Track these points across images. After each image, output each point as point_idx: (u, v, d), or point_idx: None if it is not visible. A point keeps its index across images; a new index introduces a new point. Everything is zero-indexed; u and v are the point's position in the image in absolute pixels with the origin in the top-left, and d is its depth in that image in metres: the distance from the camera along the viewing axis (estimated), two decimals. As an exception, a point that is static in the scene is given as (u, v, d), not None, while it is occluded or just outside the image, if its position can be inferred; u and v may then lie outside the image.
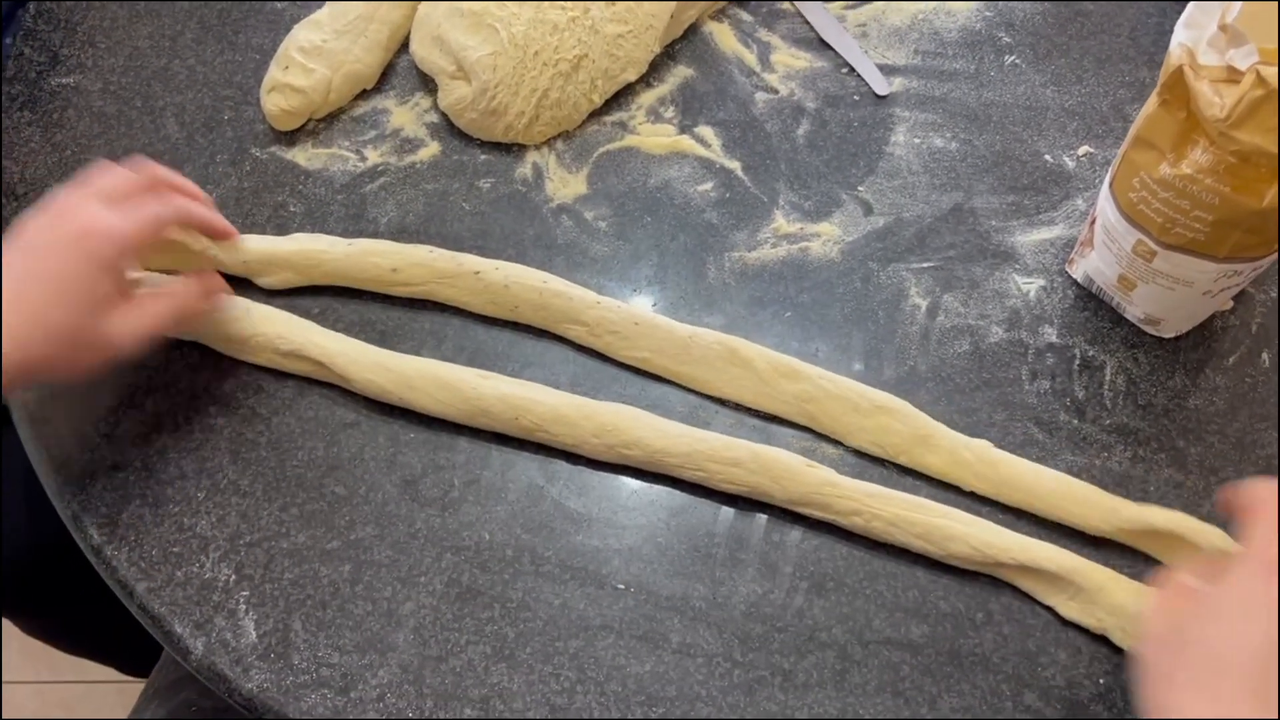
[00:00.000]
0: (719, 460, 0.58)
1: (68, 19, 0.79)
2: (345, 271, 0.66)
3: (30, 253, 0.53)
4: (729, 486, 0.59)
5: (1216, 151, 0.52)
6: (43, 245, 0.53)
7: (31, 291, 0.52)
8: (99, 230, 0.53)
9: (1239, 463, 0.61)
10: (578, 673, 0.55)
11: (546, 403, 0.60)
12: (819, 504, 0.58)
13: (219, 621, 0.57)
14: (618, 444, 0.59)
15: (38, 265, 0.53)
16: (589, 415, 0.60)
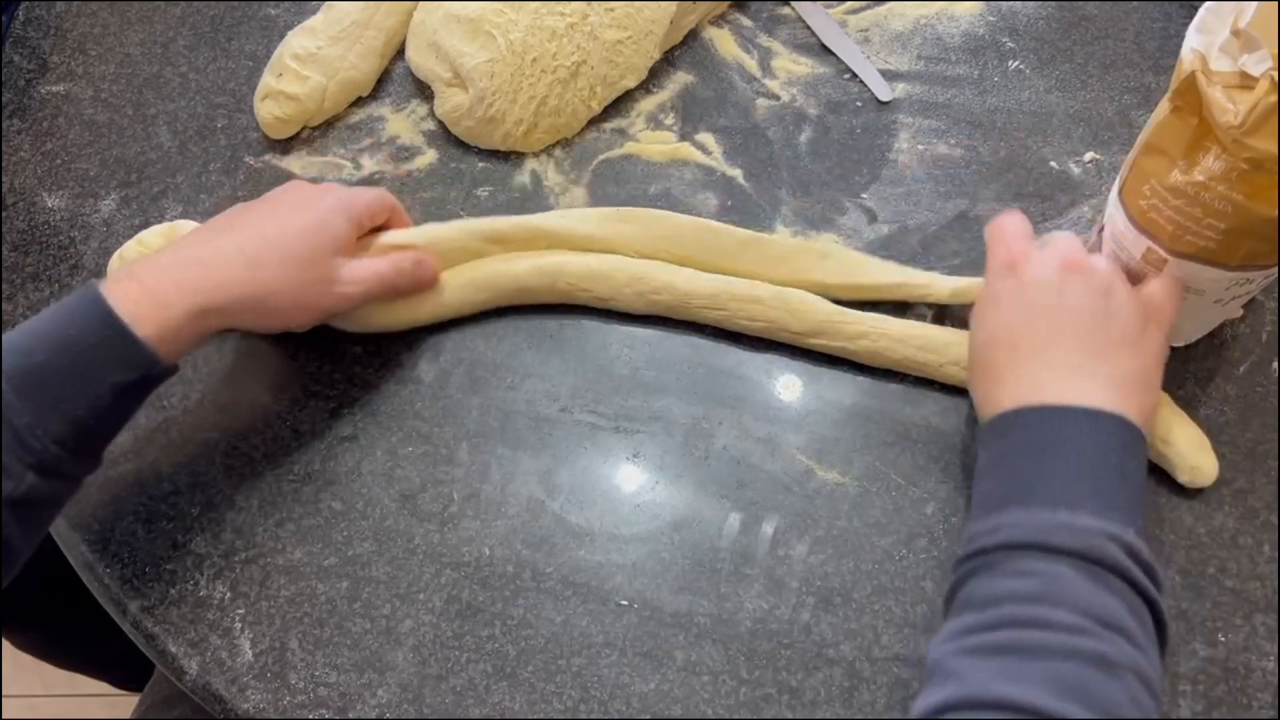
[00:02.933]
0: (741, 298, 0.63)
1: (58, 25, 0.78)
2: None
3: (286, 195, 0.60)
4: (748, 323, 0.63)
5: (1229, 159, 0.51)
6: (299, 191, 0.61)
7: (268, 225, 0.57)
8: (348, 190, 0.61)
9: (1251, 473, 0.60)
10: (581, 691, 0.54)
11: (579, 261, 0.64)
12: (830, 332, 0.62)
13: (214, 640, 0.56)
14: (648, 290, 0.63)
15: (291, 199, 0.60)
16: (620, 268, 0.64)
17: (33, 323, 0.51)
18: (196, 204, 0.70)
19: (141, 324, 0.51)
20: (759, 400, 0.63)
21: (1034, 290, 0.54)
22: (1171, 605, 0.56)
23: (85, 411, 0.50)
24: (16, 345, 0.50)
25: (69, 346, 0.50)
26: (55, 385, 0.49)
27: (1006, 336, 0.54)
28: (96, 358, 0.50)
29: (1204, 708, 0.54)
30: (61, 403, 0.49)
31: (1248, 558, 0.58)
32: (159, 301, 0.52)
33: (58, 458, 0.49)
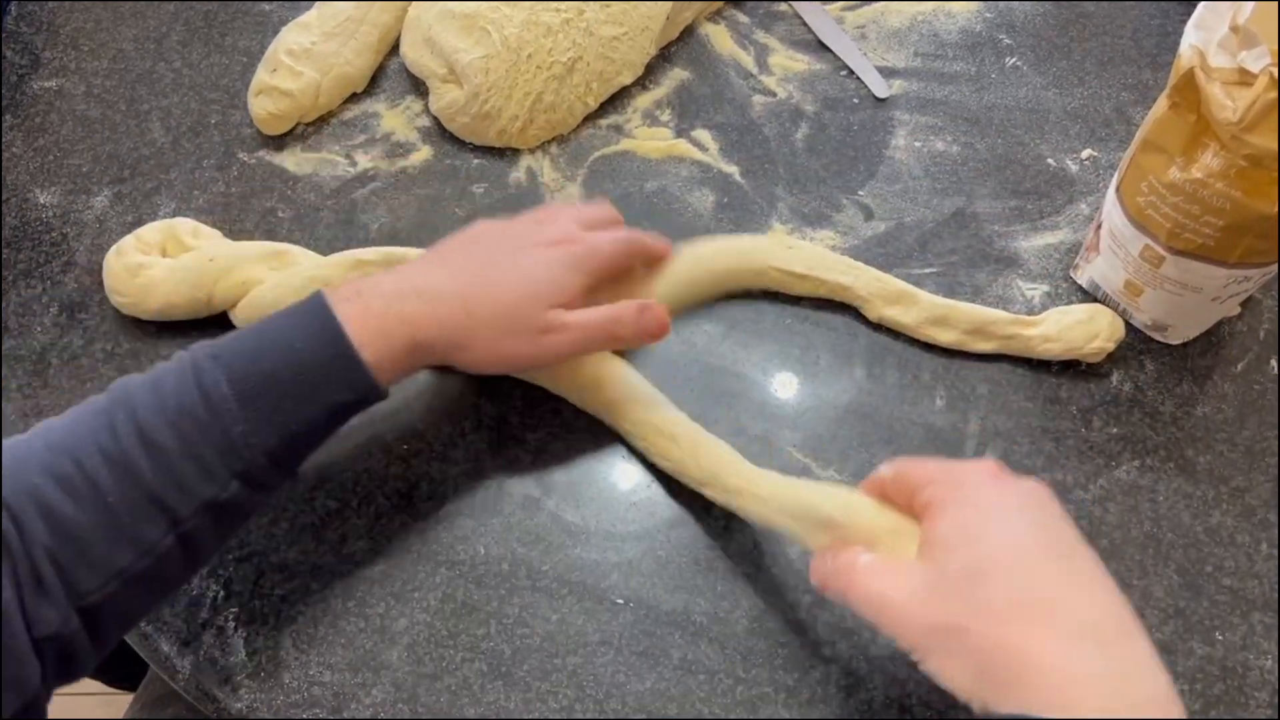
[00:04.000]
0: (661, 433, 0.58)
1: (50, 21, 0.78)
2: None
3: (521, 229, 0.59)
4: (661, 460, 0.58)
5: (1228, 155, 0.51)
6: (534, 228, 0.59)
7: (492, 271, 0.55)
8: (590, 241, 0.58)
9: (1248, 471, 0.60)
10: (576, 690, 0.54)
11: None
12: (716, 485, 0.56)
13: (207, 639, 0.55)
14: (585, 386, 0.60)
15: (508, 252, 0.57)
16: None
17: (260, 326, 0.51)
18: (190, 200, 0.69)
19: (366, 348, 0.50)
20: (755, 398, 0.62)
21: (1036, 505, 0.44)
22: (1169, 604, 0.56)
23: (300, 427, 0.49)
24: (243, 349, 0.49)
25: (296, 360, 0.49)
26: (276, 397, 0.48)
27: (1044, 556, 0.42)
28: (320, 376, 0.49)
29: (1201, 707, 0.53)
30: (279, 415, 0.48)
31: (1245, 556, 0.57)
32: (383, 330, 0.51)
33: (264, 468, 0.48)
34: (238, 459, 0.47)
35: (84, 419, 0.48)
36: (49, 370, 0.63)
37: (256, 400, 0.48)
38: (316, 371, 0.49)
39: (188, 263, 0.62)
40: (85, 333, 0.64)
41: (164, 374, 0.49)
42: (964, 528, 0.43)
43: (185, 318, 0.63)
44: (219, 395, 0.47)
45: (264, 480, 0.49)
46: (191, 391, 0.47)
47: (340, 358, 0.50)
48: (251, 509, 0.51)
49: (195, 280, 0.62)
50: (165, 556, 0.47)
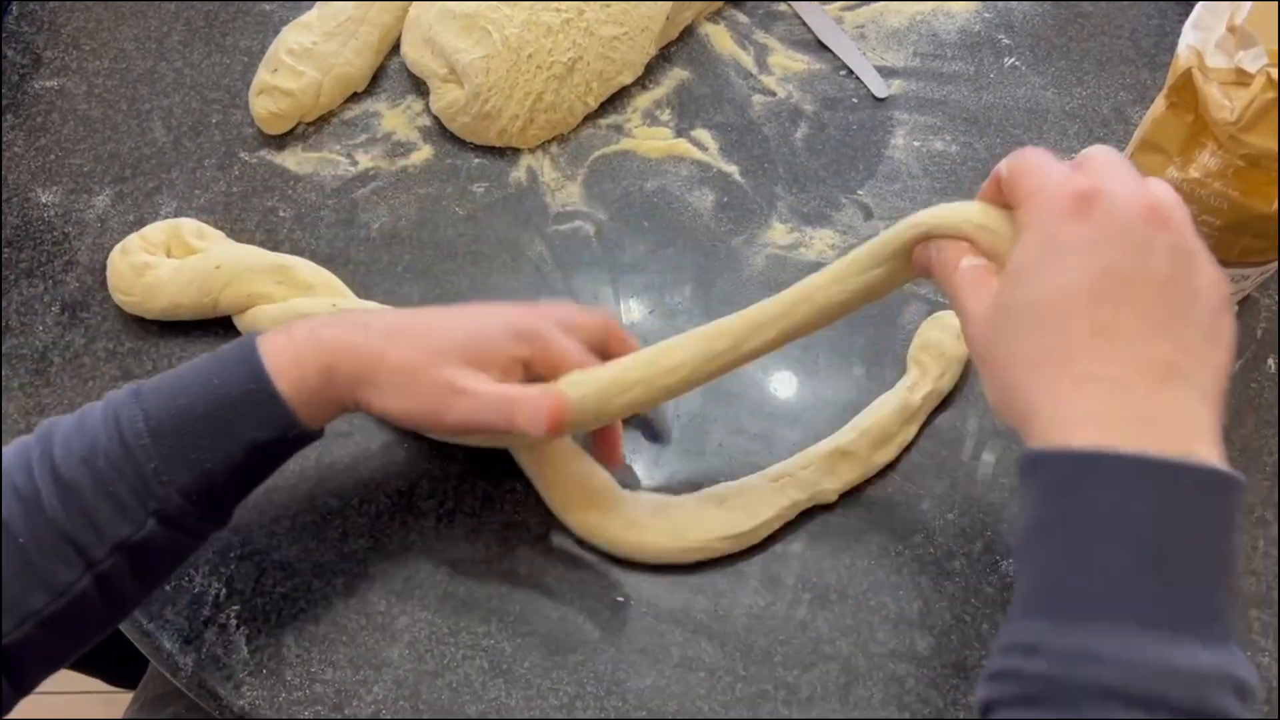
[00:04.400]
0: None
1: (51, 21, 0.78)
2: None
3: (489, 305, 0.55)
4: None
5: (1225, 155, 0.51)
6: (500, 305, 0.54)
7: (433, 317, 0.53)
8: (558, 310, 0.55)
9: (1246, 470, 0.60)
10: (577, 687, 0.54)
11: None
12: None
13: (209, 637, 0.55)
14: None
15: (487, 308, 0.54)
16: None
17: (188, 364, 0.49)
18: (191, 200, 0.69)
19: (280, 379, 0.48)
20: (755, 397, 0.63)
21: (1118, 242, 0.40)
22: (1167, 601, 0.56)
23: (215, 466, 0.47)
24: (163, 385, 0.48)
25: (212, 395, 0.47)
26: (189, 433, 0.47)
27: (1086, 304, 0.39)
28: (236, 411, 0.47)
29: (1199, 703, 0.54)
30: (192, 452, 0.47)
31: (1243, 553, 0.58)
32: (297, 358, 0.49)
33: (180, 508, 0.47)
34: (152, 498, 0.46)
35: (7, 457, 0.47)
36: (51, 369, 0.63)
37: (172, 438, 0.46)
38: (231, 406, 0.47)
39: (194, 266, 0.63)
40: (87, 331, 0.64)
41: (89, 411, 0.48)
42: (1026, 262, 0.42)
43: (189, 318, 0.64)
44: (134, 432, 0.46)
45: (183, 522, 0.47)
46: (109, 428, 0.46)
47: (258, 392, 0.48)
48: (176, 553, 0.50)
49: (201, 285, 0.62)
50: (81, 599, 0.45)
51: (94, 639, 0.49)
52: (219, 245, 0.65)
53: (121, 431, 0.46)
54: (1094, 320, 0.39)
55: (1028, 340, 0.41)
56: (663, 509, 0.57)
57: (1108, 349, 0.39)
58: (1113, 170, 0.42)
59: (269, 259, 0.64)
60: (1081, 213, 0.40)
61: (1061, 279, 0.40)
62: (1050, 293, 0.40)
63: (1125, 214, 0.40)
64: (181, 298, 0.63)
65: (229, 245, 0.65)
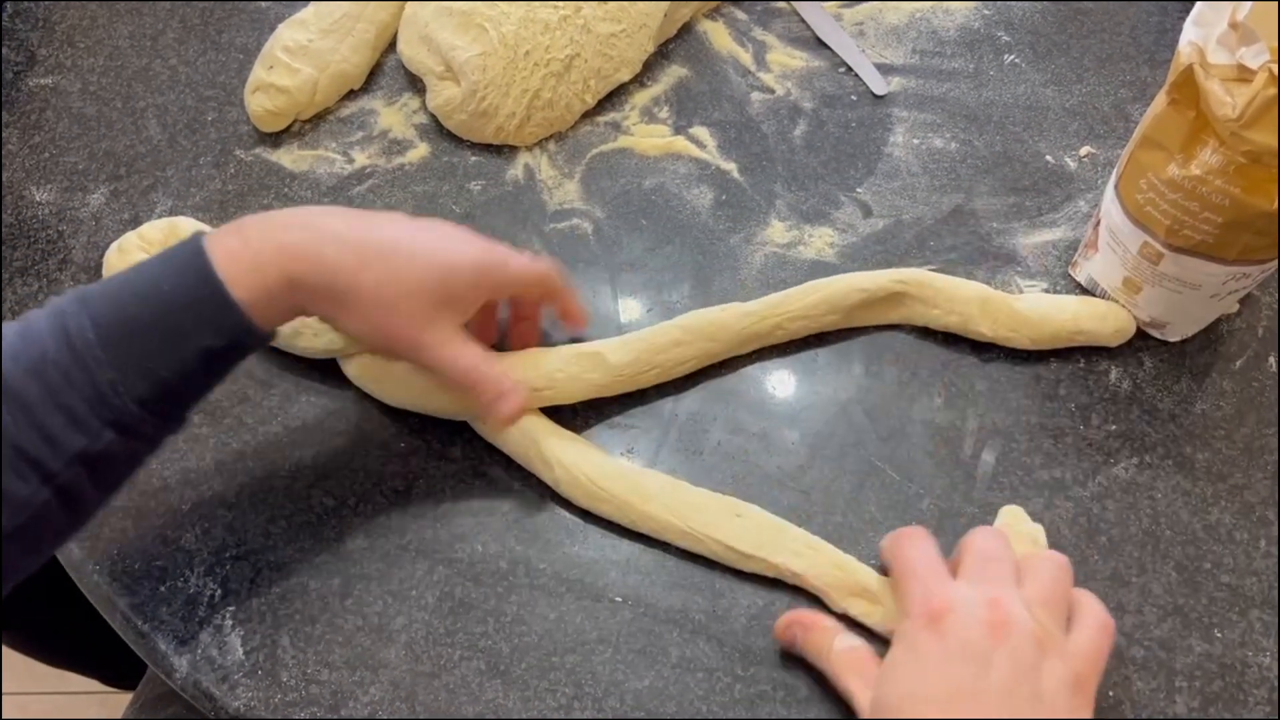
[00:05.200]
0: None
1: (46, 18, 0.77)
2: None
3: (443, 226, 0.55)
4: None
5: (1227, 152, 0.51)
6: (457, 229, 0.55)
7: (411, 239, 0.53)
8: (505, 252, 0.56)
9: (1247, 469, 0.60)
10: (574, 688, 0.54)
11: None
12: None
13: (204, 638, 0.55)
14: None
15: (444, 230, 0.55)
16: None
17: (130, 271, 0.48)
18: (186, 198, 0.69)
19: (237, 286, 0.47)
20: (754, 395, 0.62)
21: (958, 656, 0.46)
22: (1168, 601, 0.56)
23: (170, 374, 0.46)
24: (109, 292, 0.47)
25: (162, 301, 0.46)
26: (142, 342, 0.46)
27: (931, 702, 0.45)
28: (188, 317, 0.46)
29: (1200, 704, 0.53)
30: (146, 361, 0.46)
31: (1244, 553, 0.57)
32: (257, 264, 0.48)
33: (138, 417, 0.46)
34: (108, 409, 0.45)
35: None
36: (45, 368, 0.63)
37: (122, 346, 0.45)
38: (183, 312, 0.46)
39: None
40: (82, 330, 0.64)
41: (33, 321, 0.46)
42: (893, 665, 0.48)
43: (182, 316, 0.63)
44: (84, 342, 0.45)
45: (141, 429, 0.47)
46: (57, 338, 0.45)
47: (211, 298, 0.47)
48: (134, 458, 0.49)
49: None
50: (42, 511, 0.45)
51: (56, 547, 0.49)
52: None
53: (71, 341, 0.45)
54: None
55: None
56: (672, 489, 0.57)
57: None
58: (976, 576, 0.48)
59: None
60: (934, 628, 0.47)
61: (917, 687, 0.46)
62: (908, 699, 0.46)
63: (972, 628, 0.46)
64: (177, 296, 0.62)
65: None
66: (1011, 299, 0.62)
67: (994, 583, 0.48)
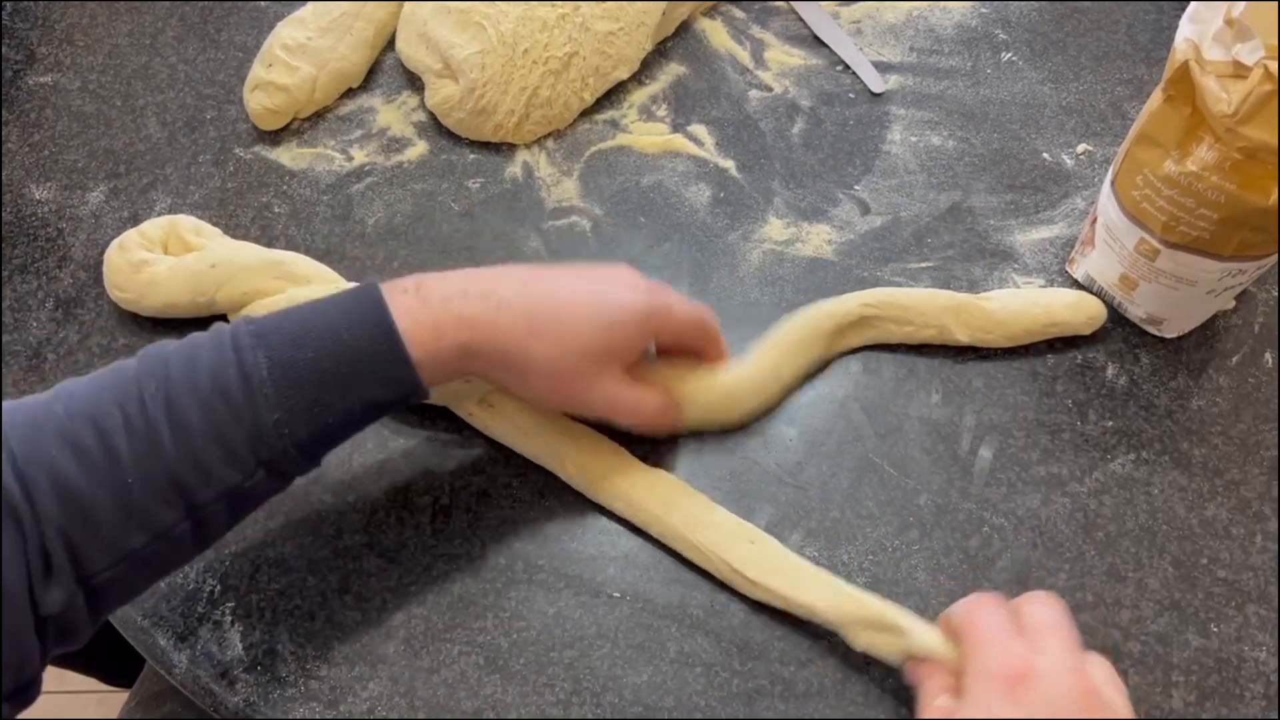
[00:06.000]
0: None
1: (45, 16, 0.78)
2: None
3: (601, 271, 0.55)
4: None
5: (1223, 148, 0.51)
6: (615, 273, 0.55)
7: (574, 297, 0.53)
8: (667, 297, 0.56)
9: (1243, 464, 0.60)
10: (573, 683, 0.54)
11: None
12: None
13: (204, 634, 0.55)
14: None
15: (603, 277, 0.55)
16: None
17: (308, 310, 0.48)
18: (186, 196, 0.69)
19: (414, 345, 0.48)
20: (752, 392, 0.63)
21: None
22: (1165, 596, 0.56)
23: (334, 420, 0.47)
24: (286, 330, 0.47)
25: (340, 349, 0.46)
26: (314, 388, 0.46)
27: None
28: (365, 369, 0.47)
29: (1196, 698, 0.54)
30: (316, 407, 0.46)
31: (1240, 548, 0.58)
32: (436, 328, 0.48)
33: (292, 459, 0.46)
34: (266, 448, 0.45)
35: (111, 385, 0.45)
36: (45, 365, 0.63)
37: (296, 389, 0.45)
38: (361, 364, 0.47)
39: (190, 265, 0.62)
40: (81, 328, 0.64)
41: (200, 347, 0.46)
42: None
43: (185, 316, 0.63)
44: (258, 379, 0.45)
45: (289, 470, 0.47)
46: (230, 371, 0.45)
47: (389, 354, 0.47)
48: (271, 495, 0.49)
49: (197, 284, 0.62)
50: (178, 540, 0.45)
51: (172, 573, 0.49)
52: (216, 242, 0.65)
53: (247, 377, 0.45)
54: None
55: None
56: (690, 502, 0.57)
57: None
58: (1050, 637, 0.45)
59: (265, 256, 0.63)
60: (1013, 696, 0.42)
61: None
62: None
63: (1058, 698, 0.42)
64: (177, 296, 0.62)
65: (226, 243, 0.65)
66: (982, 301, 0.62)
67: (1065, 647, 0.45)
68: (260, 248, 0.64)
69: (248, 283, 0.62)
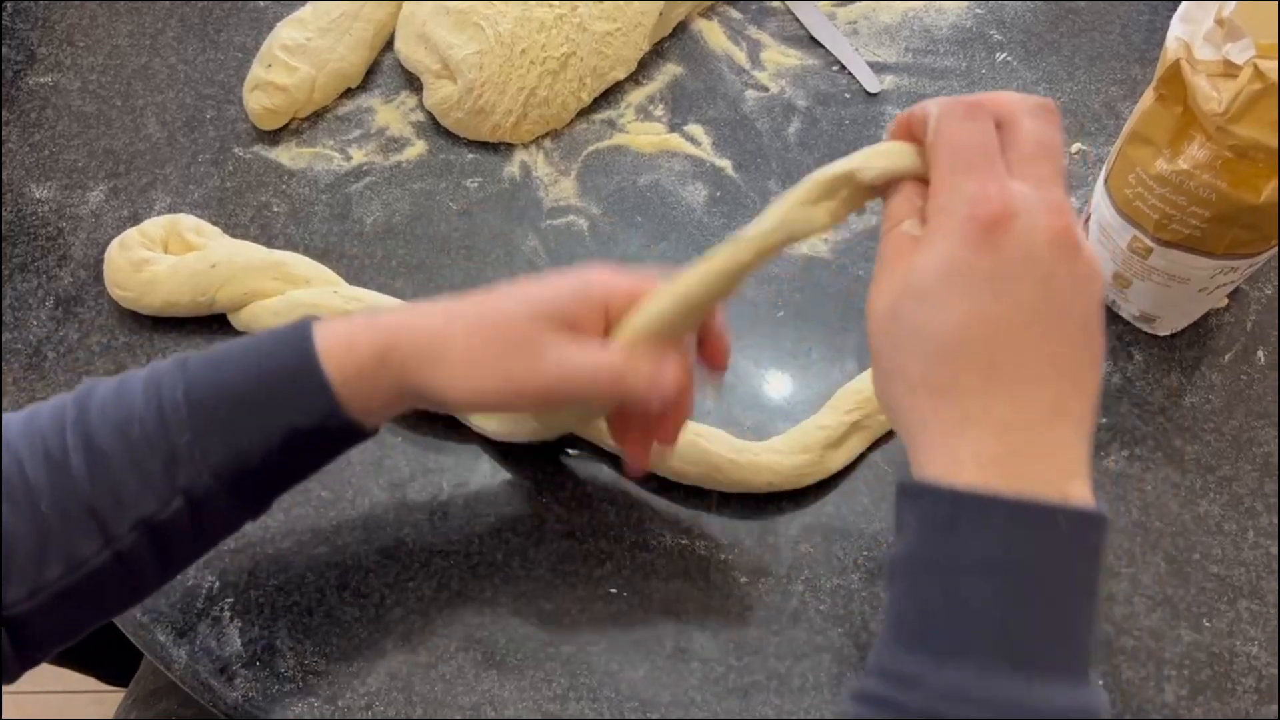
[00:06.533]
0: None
1: (45, 17, 0.78)
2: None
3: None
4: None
5: (1214, 146, 0.52)
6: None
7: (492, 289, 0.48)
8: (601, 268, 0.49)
9: (1236, 460, 0.60)
10: (570, 679, 0.54)
11: None
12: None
13: (202, 629, 0.55)
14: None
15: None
16: None
17: (240, 340, 0.47)
18: (185, 195, 0.70)
19: (330, 361, 0.45)
20: (747, 390, 0.63)
21: (1021, 276, 0.38)
22: (1157, 591, 0.56)
23: (251, 447, 0.45)
24: (209, 358, 0.46)
25: (255, 371, 0.45)
26: (227, 409, 0.44)
27: (982, 342, 0.38)
28: (277, 390, 0.45)
29: (1188, 692, 0.54)
30: (227, 429, 0.44)
31: (1232, 544, 0.58)
32: (350, 340, 0.46)
33: (210, 489, 0.44)
34: (182, 473, 0.44)
35: (40, 416, 0.45)
36: (45, 364, 0.63)
37: (206, 411, 0.44)
38: (273, 385, 0.45)
39: (191, 264, 0.63)
40: (81, 326, 0.65)
41: (129, 379, 0.46)
42: (926, 280, 0.39)
43: (185, 315, 0.64)
44: (172, 402, 0.44)
45: (212, 504, 0.45)
46: (149, 397, 0.44)
47: (302, 370, 0.45)
48: (201, 538, 0.47)
49: (197, 284, 0.62)
50: (99, 575, 0.44)
51: (107, 617, 0.47)
52: (216, 242, 0.65)
53: (161, 400, 0.44)
54: (987, 361, 0.38)
55: (916, 363, 0.39)
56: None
57: (999, 393, 0.38)
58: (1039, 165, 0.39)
59: (265, 256, 0.64)
60: (988, 242, 0.38)
61: (957, 312, 0.38)
62: (944, 323, 0.38)
63: (1033, 244, 0.38)
64: (177, 296, 0.63)
65: (227, 242, 0.66)
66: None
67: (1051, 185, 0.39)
68: (261, 248, 0.65)
69: (248, 283, 0.62)
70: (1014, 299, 0.38)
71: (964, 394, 0.38)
